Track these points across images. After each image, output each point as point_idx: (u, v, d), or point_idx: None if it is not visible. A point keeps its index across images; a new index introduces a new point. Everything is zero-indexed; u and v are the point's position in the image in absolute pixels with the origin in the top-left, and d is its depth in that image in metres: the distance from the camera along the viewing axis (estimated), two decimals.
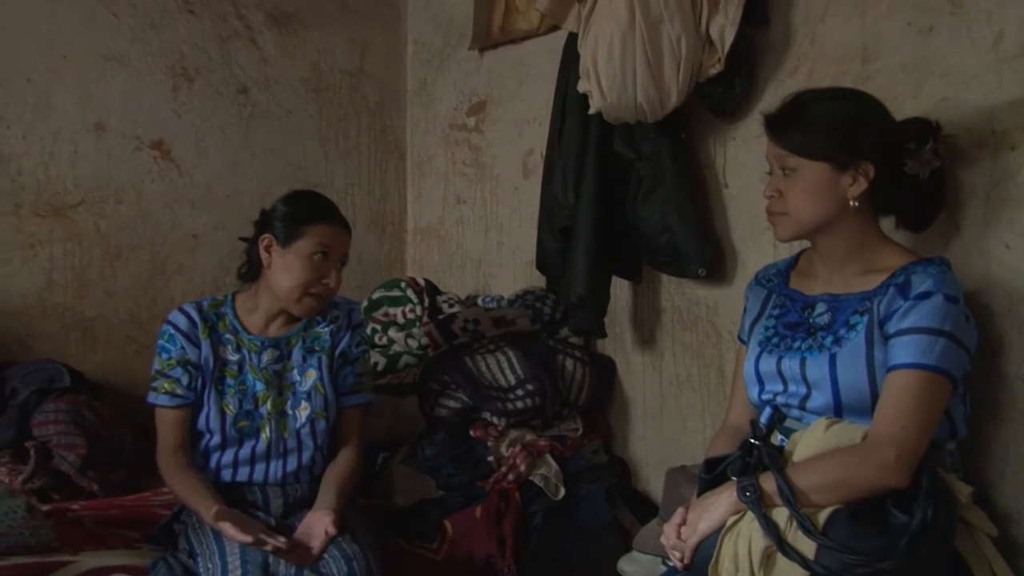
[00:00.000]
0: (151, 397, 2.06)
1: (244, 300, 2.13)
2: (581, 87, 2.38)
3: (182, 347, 2.04)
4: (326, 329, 2.15)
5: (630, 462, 2.74)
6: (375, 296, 2.97)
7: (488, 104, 3.29)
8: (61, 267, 2.89)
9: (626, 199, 2.51)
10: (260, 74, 3.31)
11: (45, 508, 2.16)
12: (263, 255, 2.06)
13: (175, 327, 2.06)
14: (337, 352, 2.15)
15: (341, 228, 2.10)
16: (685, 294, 2.58)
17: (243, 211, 3.12)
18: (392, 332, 2.85)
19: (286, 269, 2.03)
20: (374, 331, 2.89)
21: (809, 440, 1.61)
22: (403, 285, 2.98)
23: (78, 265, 2.92)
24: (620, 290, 2.70)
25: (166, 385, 2.04)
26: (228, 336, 2.09)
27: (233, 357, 2.07)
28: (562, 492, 2.42)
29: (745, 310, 1.92)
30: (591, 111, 2.40)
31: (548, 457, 2.47)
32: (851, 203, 1.66)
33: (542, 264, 2.78)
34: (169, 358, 2.05)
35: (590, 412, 2.71)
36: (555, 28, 2.84)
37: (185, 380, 2.03)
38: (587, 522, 2.44)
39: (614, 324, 2.72)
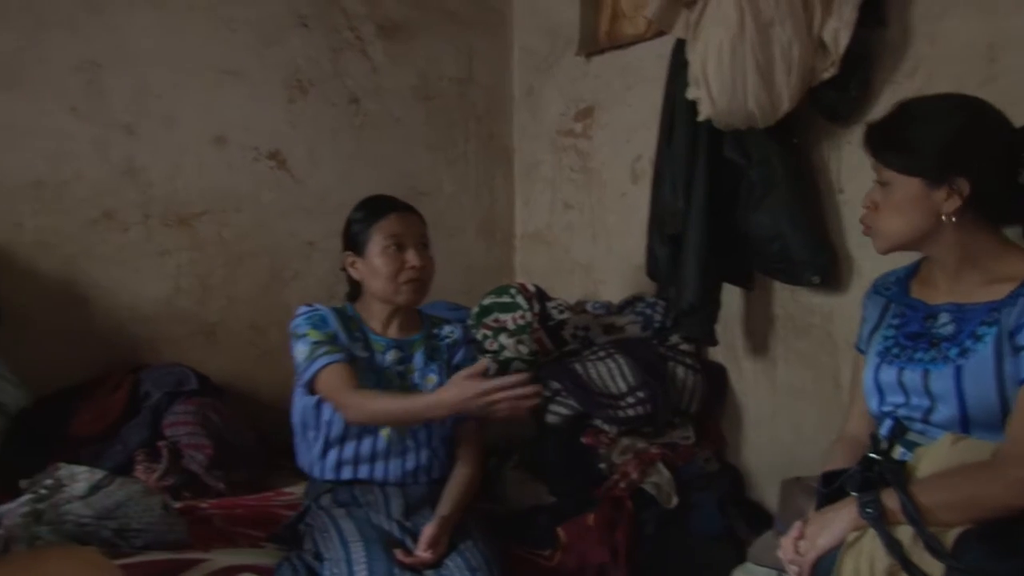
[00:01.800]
0: (320, 363, 2.03)
1: (361, 307, 2.21)
2: (690, 94, 2.37)
3: (335, 327, 2.11)
4: (443, 343, 2.22)
5: (742, 470, 2.71)
6: (485, 302, 3.01)
7: (595, 109, 3.30)
8: (187, 274, 3.02)
9: (737, 205, 2.48)
10: (370, 84, 3.39)
11: (178, 505, 2.27)
12: (353, 272, 2.17)
13: (320, 313, 2.12)
14: (453, 364, 2.20)
15: (403, 213, 2.16)
16: (798, 301, 2.54)
17: None
18: (503, 338, 2.88)
19: (373, 272, 2.12)
20: (484, 336, 2.93)
21: (934, 456, 1.56)
22: (513, 291, 3.01)
23: (202, 272, 3.05)
24: (731, 296, 2.67)
25: (335, 348, 2.05)
26: (357, 334, 2.15)
27: (362, 355, 2.13)
28: (675, 500, 2.41)
29: (863, 319, 1.87)
30: (700, 118, 2.38)
31: (660, 465, 2.47)
32: (945, 218, 1.62)
33: (652, 270, 2.77)
34: (328, 330, 2.09)
35: (701, 420, 2.69)
36: (663, 33, 2.82)
37: (343, 345, 2.08)
38: (700, 531, 2.42)
39: (725, 331, 2.70)
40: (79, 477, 2.09)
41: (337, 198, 3.28)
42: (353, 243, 2.16)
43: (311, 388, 2.07)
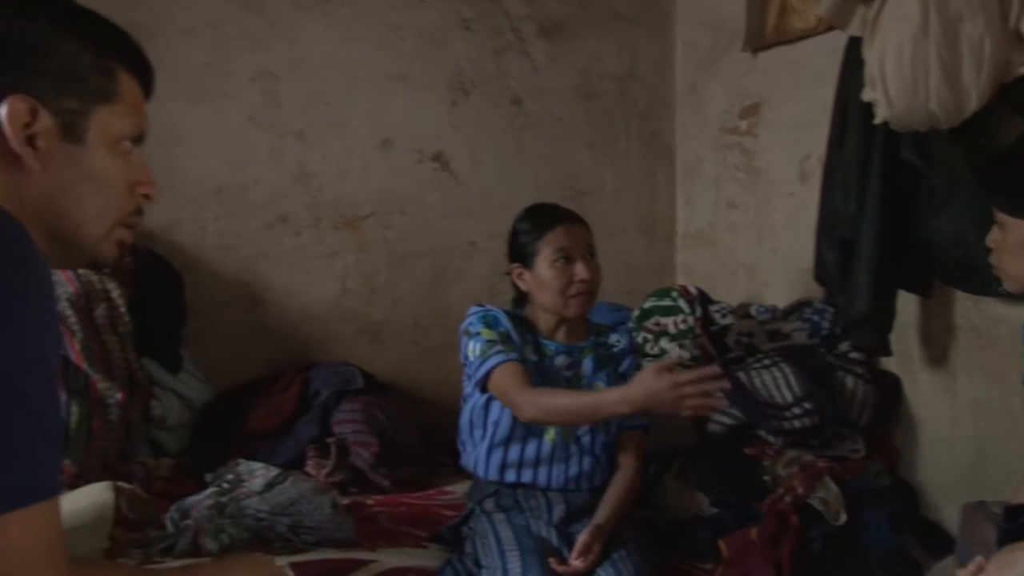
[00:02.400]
0: (498, 358, 2.01)
1: (529, 313, 2.21)
2: (866, 96, 2.25)
3: (506, 326, 2.11)
4: (612, 350, 2.20)
5: (917, 487, 2.57)
6: (646, 305, 2.97)
7: (762, 106, 3.19)
8: (353, 275, 3.13)
9: (914, 210, 2.35)
10: (532, 84, 3.40)
11: (345, 501, 2.36)
12: (520, 283, 2.16)
13: (494, 312, 2.12)
14: (619, 372, 2.19)
15: (570, 224, 2.13)
16: (983, 311, 2.38)
17: None
18: (664, 342, 2.83)
19: (541, 286, 2.10)
20: (645, 340, 2.89)
21: None
22: (675, 295, 2.96)
23: (368, 273, 3.15)
24: (907, 304, 2.53)
25: (509, 347, 2.05)
26: (528, 336, 2.16)
27: (532, 358, 2.14)
28: (843, 517, 2.30)
29: None
30: (877, 120, 2.25)
31: (827, 479, 2.37)
32: None
33: (820, 275, 2.66)
34: (500, 329, 2.09)
35: (873, 432, 2.56)
36: (834, 27, 2.70)
37: (516, 345, 2.07)
38: (871, 549, 2.31)
39: (900, 340, 2.55)
40: (256, 473, 2.20)
41: (499, 199, 3.32)
42: (520, 255, 2.15)
43: (483, 386, 2.07)
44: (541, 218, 2.16)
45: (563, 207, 2.21)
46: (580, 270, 2.08)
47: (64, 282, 2.36)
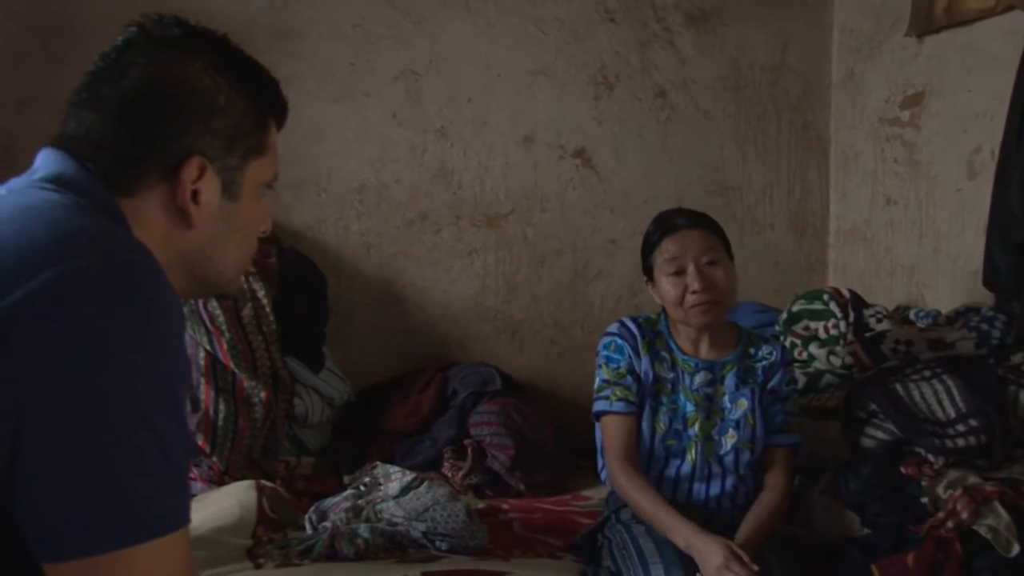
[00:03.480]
0: (602, 405, 2.02)
1: (672, 323, 2.13)
2: None
3: (629, 357, 2.05)
4: (759, 364, 2.08)
5: None
6: (795, 308, 2.83)
7: (926, 95, 2.98)
8: (493, 273, 3.11)
9: None
10: (677, 76, 3.29)
11: (480, 505, 2.35)
12: (653, 294, 2.09)
13: (621, 337, 2.07)
14: (768, 388, 2.08)
15: (682, 233, 2.02)
16: None
17: None
18: (813, 348, 2.69)
19: (663, 297, 2.03)
20: (793, 345, 2.76)
21: None
22: (825, 297, 2.80)
23: (507, 271, 3.13)
24: None
25: (619, 392, 2.02)
26: (664, 354, 2.08)
27: (668, 375, 2.06)
28: (1016, 548, 2.11)
29: None
30: None
31: (997, 505, 2.18)
32: None
33: (990, 280, 2.47)
34: (618, 367, 2.05)
35: None
36: (1014, 6, 2.48)
37: (635, 388, 2.03)
38: None
39: None
40: (393, 477, 2.22)
41: (641, 195, 3.24)
42: (645, 269, 2.10)
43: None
44: (656, 227, 2.08)
45: (687, 211, 2.11)
46: (691, 280, 1.98)
47: None
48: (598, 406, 2.04)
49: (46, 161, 0.96)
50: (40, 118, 2.38)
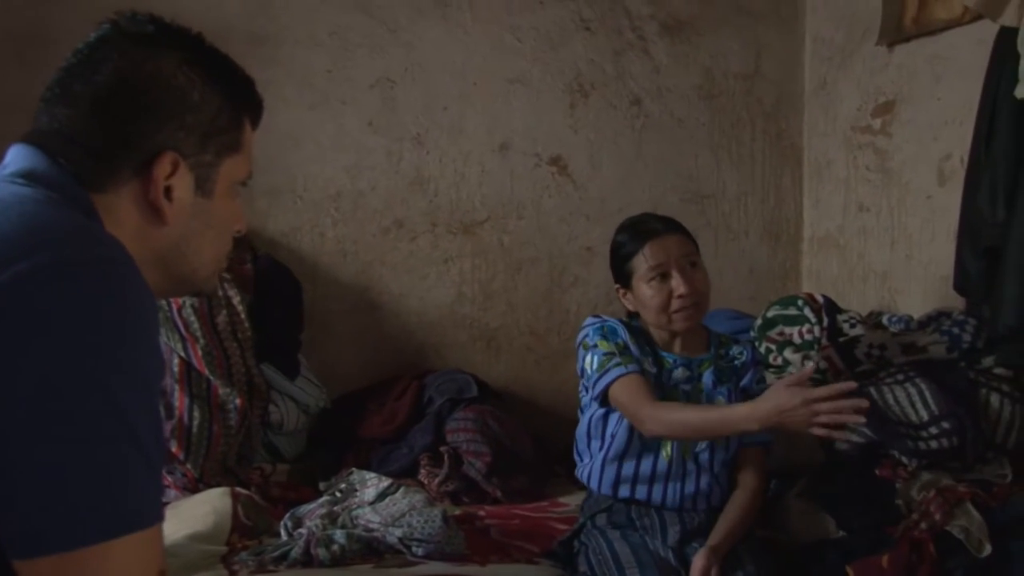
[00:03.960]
0: (617, 371, 1.94)
1: (644, 324, 2.13)
2: (1019, 92, 2.08)
3: (624, 338, 2.04)
4: (733, 363, 2.10)
5: None
6: (770, 314, 2.85)
7: (897, 104, 3.01)
8: (469, 280, 3.11)
9: None
10: (652, 84, 3.31)
11: (456, 512, 2.34)
12: (626, 303, 2.09)
13: (611, 323, 2.05)
14: (740, 387, 2.09)
15: (661, 238, 2.01)
16: None
17: None
18: (788, 353, 2.71)
19: (642, 304, 2.03)
20: (768, 351, 2.77)
21: None
22: (800, 303, 2.82)
23: (484, 278, 3.13)
24: None
25: (628, 358, 1.98)
26: (646, 348, 2.09)
27: (652, 369, 2.06)
28: (988, 548, 2.13)
29: None
30: None
31: (969, 506, 2.20)
32: None
33: (961, 285, 2.49)
34: (618, 341, 2.02)
35: (1021, 456, 2.38)
36: (982, 16, 2.52)
37: (635, 356, 2.01)
38: None
39: None
40: (369, 483, 2.21)
41: (617, 202, 3.25)
42: (618, 275, 2.08)
43: (603, 399, 2.01)
44: (632, 235, 2.06)
45: (658, 217, 2.10)
46: (677, 284, 1.98)
47: None
48: (613, 373, 1.95)
49: (17, 156, 0.95)
50: (14, 125, 2.35)
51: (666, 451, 2.03)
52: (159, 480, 0.86)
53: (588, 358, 2.03)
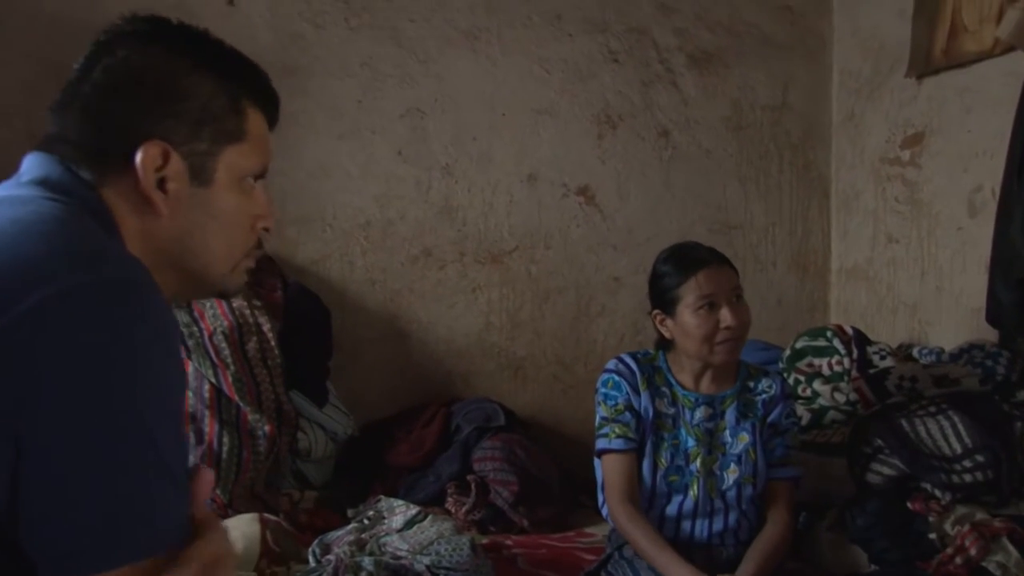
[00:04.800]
0: (602, 443, 2.01)
1: (672, 358, 2.11)
2: None
3: (627, 394, 2.04)
4: (759, 398, 2.08)
5: None
6: (798, 345, 2.83)
7: (926, 135, 3.01)
8: (497, 309, 3.12)
9: None
10: (680, 116, 3.32)
11: (484, 540, 2.34)
12: (662, 329, 2.06)
13: (619, 374, 2.06)
14: (768, 422, 2.07)
15: (713, 268, 2.00)
16: None
17: None
18: (817, 384, 2.69)
19: (684, 334, 2.00)
20: (797, 382, 2.76)
21: None
22: (829, 334, 2.81)
23: (511, 308, 3.14)
24: None
25: (618, 429, 2.01)
26: (664, 389, 2.07)
27: (668, 411, 2.05)
28: None
29: None
30: None
31: (1006, 541, 2.16)
32: None
33: (994, 317, 2.47)
34: (616, 404, 2.03)
35: None
36: (1013, 48, 2.52)
37: (634, 425, 2.02)
38: None
39: None
40: (397, 510, 2.21)
41: (644, 233, 3.26)
42: (661, 301, 2.05)
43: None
44: (683, 261, 2.04)
45: (706, 247, 2.08)
46: (726, 316, 1.96)
47: (220, 316, 2.44)
48: (599, 444, 2.03)
49: (31, 165, 0.96)
50: None
51: (693, 491, 2.02)
52: (186, 499, 0.85)
53: (597, 409, 2.07)
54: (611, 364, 2.10)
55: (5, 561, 0.80)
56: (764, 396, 2.08)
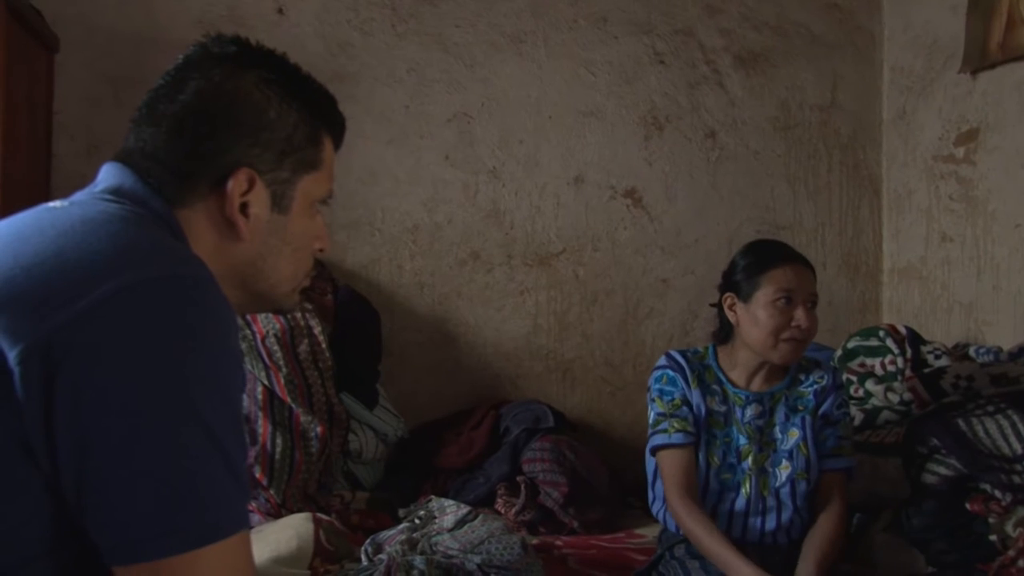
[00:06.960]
0: (661, 439, 1.99)
1: (725, 355, 2.10)
2: None
3: (683, 388, 2.03)
4: (810, 389, 2.05)
5: None
6: (850, 345, 2.80)
7: (982, 132, 2.96)
8: (545, 312, 3.12)
9: None
10: (727, 117, 3.31)
11: (534, 541, 2.33)
12: (729, 314, 2.04)
13: (672, 370, 2.06)
14: (820, 413, 2.05)
15: (800, 267, 1.99)
16: None
17: (710, 255, 3.15)
18: (870, 384, 2.66)
19: (753, 322, 1.98)
20: (849, 382, 2.72)
21: None
22: (881, 334, 2.77)
23: (559, 310, 3.14)
24: None
25: (676, 424, 2.00)
26: (715, 387, 2.06)
27: (720, 408, 2.04)
28: None
29: None
30: None
31: None
32: None
33: None
34: (673, 399, 2.03)
35: None
36: None
37: (691, 419, 2.01)
38: None
39: None
40: (448, 510, 2.21)
41: (692, 234, 3.24)
42: (737, 286, 2.03)
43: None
44: (770, 252, 2.03)
45: (792, 248, 2.07)
46: (800, 316, 1.95)
47: (272, 319, 2.48)
48: (656, 440, 2.01)
49: (107, 174, 0.99)
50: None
51: (745, 489, 2.00)
52: (245, 488, 0.87)
53: (650, 407, 2.06)
54: (662, 360, 2.09)
55: (75, 549, 0.83)
56: (816, 387, 2.06)
